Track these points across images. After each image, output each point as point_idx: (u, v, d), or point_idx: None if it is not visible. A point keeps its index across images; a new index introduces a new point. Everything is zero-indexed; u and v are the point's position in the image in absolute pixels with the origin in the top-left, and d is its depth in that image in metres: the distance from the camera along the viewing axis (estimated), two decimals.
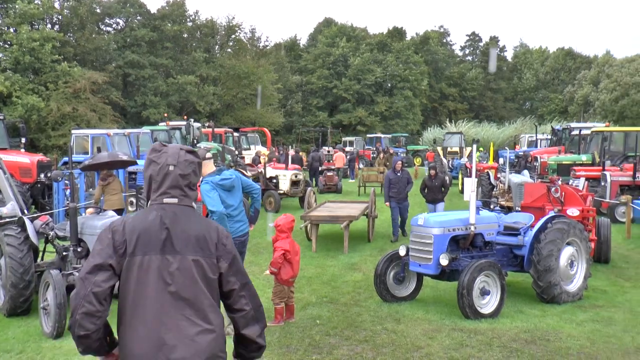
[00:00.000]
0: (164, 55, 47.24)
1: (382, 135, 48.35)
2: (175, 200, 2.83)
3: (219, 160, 17.89)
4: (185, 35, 50.10)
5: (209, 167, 6.90)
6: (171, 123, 27.68)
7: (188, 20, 50.50)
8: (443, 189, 14.32)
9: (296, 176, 19.73)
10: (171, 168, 2.84)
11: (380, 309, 8.17)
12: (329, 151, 33.93)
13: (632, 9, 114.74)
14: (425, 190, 14.42)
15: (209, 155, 6.99)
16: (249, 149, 31.62)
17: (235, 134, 29.83)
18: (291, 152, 28.78)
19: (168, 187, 2.83)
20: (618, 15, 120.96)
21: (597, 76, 60.00)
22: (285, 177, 19.48)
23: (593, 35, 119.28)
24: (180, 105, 46.67)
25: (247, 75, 48.15)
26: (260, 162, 22.41)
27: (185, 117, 31.96)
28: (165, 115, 33.70)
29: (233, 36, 53.85)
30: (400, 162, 14.53)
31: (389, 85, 63.67)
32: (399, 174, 14.19)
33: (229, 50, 53.95)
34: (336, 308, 8.32)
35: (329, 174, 25.38)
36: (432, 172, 14.42)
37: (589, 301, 8.88)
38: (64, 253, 8.27)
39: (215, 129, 31.15)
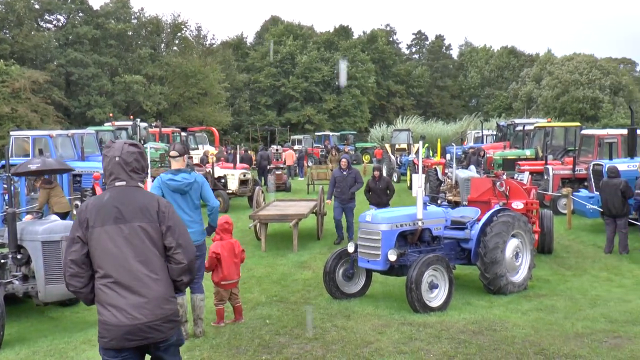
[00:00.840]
0: (109, 54, 46.05)
1: (331, 133, 48.47)
2: (123, 183, 3.76)
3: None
4: (130, 33, 48.94)
5: (175, 164, 6.81)
6: (117, 123, 27.02)
7: (133, 17, 49.41)
8: (388, 191, 13.62)
9: (244, 175, 19.54)
10: (117, 159, 3.75)
11: (330, 306, 8.15)
12: (277, 150, 33.83)
13: (571, 9, 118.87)
14: (370, 193, 13.73)
15: (173, 153, 6.83)
16: (197, 148, 31.18)
17: (183, 134, 29.35)
18: (240, 151, 28.53)
19: (117, 174, 3.76)
20: (558, 15, 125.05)
21: (540, 74, 61.77)
22: (233, 176, 19.27)
23: (535, 34, 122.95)
24: (127, 105, 45.60)
25: (194, 74, 47.43)
26: (208, 162, 22.10)
27: (131, 117, 31.26)
28: (111, 115, 32.84)
29: (179, 34, 52.96)
30: (345, 160, 13.40)
31: (337, 83, 63.93)
32: (344, 173, 13.14)
33: (175, 48, 53.06)
34: (286, 307, 8.25)
35: (277, 172, 25.27)
36: (376, 173, 13.70)
37: (533, 290, 9.13)
38: (2, 261, 7.92)
39: (163, 129, 30.59)
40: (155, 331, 3.60)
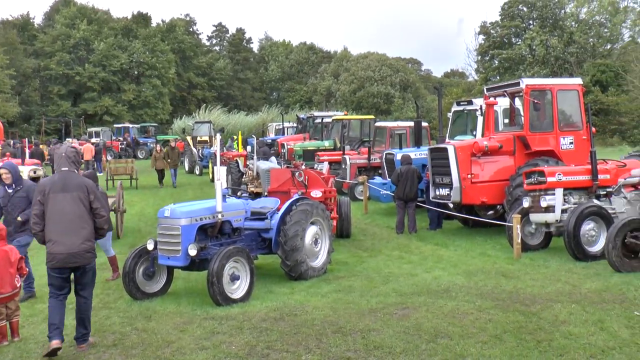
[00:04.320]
0: None
1: (131, 125, 46.38)
2: (66, 169, 6.18)
3: None
4: None
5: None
6: None
7: None
8: None
9: (35, 172, 17.66)
10: (63, 154, 6.23)
11: (131, 309, 7.77)
12: (72, 143, 31.45)
13: (366, 11, 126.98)
14: None
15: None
16: None
17: None
18: (29, 145, 25.96)
19: (62, 163, 6.20)
20: (354, 16, 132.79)
21: (337, 70, 65.15)
22: (21, 173, 17.45)
23: (332, 32, 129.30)
24: None
25: None
26: None
27: None
28: None
29: None
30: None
31: (136, 72, 61.25)
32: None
33: None
34: None
35: None
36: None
37: (333, 273, 9.60)
38: None
39: None
40: (81, 257, 6.06)
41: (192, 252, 7.81)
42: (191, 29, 75.79)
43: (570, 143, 12.46)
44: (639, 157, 12.47)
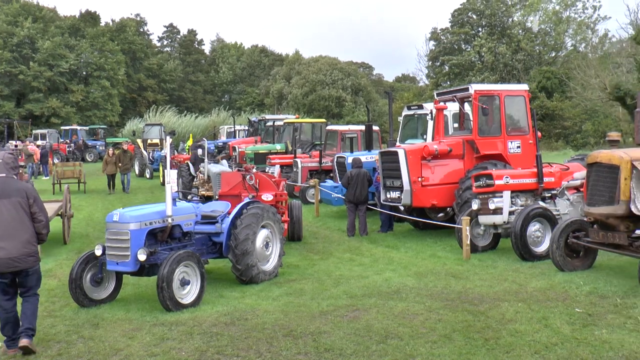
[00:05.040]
0: None
1: (79, 127, 45.25)
2: (4, 175, 6.25)
3: None
4: None
5: None
6: None
7: None
8: None
9: None
10: (0, 160, 6.27)
11: (77, 316, 7.54)
12: (16, 145, 30.39)
13: (317, 13, 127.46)
14: None
15: None
16: None
17: None
18: None
19: (0, 170, 6.26)
20: (305, 18, 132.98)
21: (289, 73, 65.08)
22: None
23: (284, 35, 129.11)
24: None
25: None
26: None
27: None
28: None
29: None
30: None
31: (84, 73, 59.75)
32: None
33: None
34: None
35: None
36: None
37: (284, 277, 9.58)
38: None
39: None
40: (23, 262, 6.11)
41: (142, 257, 7.66)
42: (142, 29, 74.52)
43: (518, 147, 12.79)
44: (581, 161, 12.90)
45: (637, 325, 6.38)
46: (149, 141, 33.38)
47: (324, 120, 27.61)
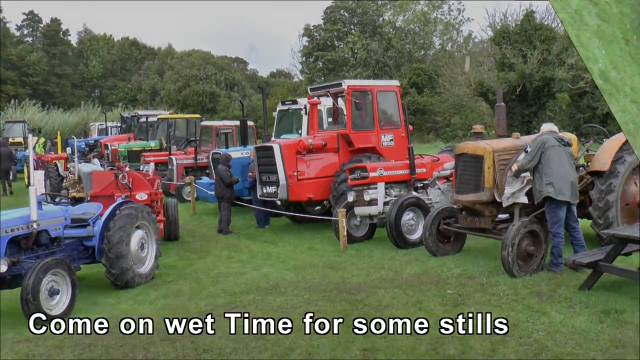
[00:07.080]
0: None
1: None
2: None
3: None
4: None
5: None
6: None
7: None
8: None
9: None
10: None
11: None
12: None
13: (190, 6, 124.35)
14: None
15: None
16: None
17: None
18: None
19: None
20: (177, 12, 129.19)
21: (162, 67, 63.16)
22: None
23: (156, 27, 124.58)
24: None
25: None
26: None
27: None
28: None
29: None
30: None
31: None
32: None
33: None
34: None
35: None
36: None
37: (161, 278, 9.32)
38: None
39: None
40: None
41: (3, 267, 7.09)
42: None
43: (391, 140, 13.31)
44: (450, 152, 13.67)
45: (499, 301, 6.96)
46: (10, 140, 30.97)
47: (198, 115, 27.16)
